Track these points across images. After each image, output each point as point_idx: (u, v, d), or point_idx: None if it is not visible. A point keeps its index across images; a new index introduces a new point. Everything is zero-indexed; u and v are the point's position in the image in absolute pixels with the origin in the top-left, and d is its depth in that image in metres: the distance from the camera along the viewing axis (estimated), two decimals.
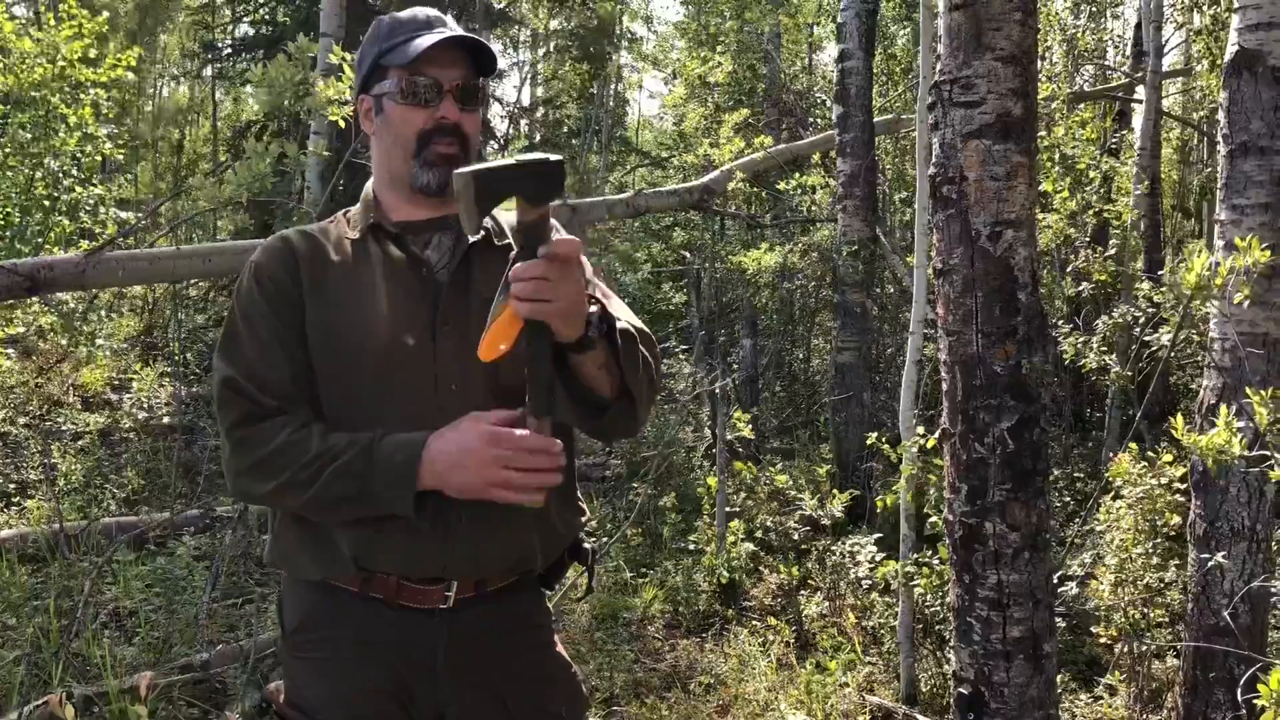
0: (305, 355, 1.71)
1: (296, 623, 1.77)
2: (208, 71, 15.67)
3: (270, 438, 1.66)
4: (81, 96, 7.42)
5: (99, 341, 8.65)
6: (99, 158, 8.09)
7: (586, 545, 1.88)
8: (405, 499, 1.60)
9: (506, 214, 1.87)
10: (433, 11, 1.79)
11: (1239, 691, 3.02)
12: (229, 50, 13.11)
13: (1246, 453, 2.45)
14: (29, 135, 7.35)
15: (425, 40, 1.70)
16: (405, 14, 1.79)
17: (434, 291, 1.73)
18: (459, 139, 1.72)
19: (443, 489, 1.60)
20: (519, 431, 1.56)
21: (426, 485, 1.60)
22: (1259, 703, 2.17)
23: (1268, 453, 2.52)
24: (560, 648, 1.88)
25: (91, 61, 7.36)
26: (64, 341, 8.38)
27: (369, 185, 1.84)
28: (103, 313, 9.90)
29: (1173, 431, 2.61)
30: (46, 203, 7.83)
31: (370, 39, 1.80)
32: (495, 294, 1.63)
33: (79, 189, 8.36)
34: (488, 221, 1.79)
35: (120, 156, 8.35)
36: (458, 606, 1.71)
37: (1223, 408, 2.52)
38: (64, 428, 7.68)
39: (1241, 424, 2.52)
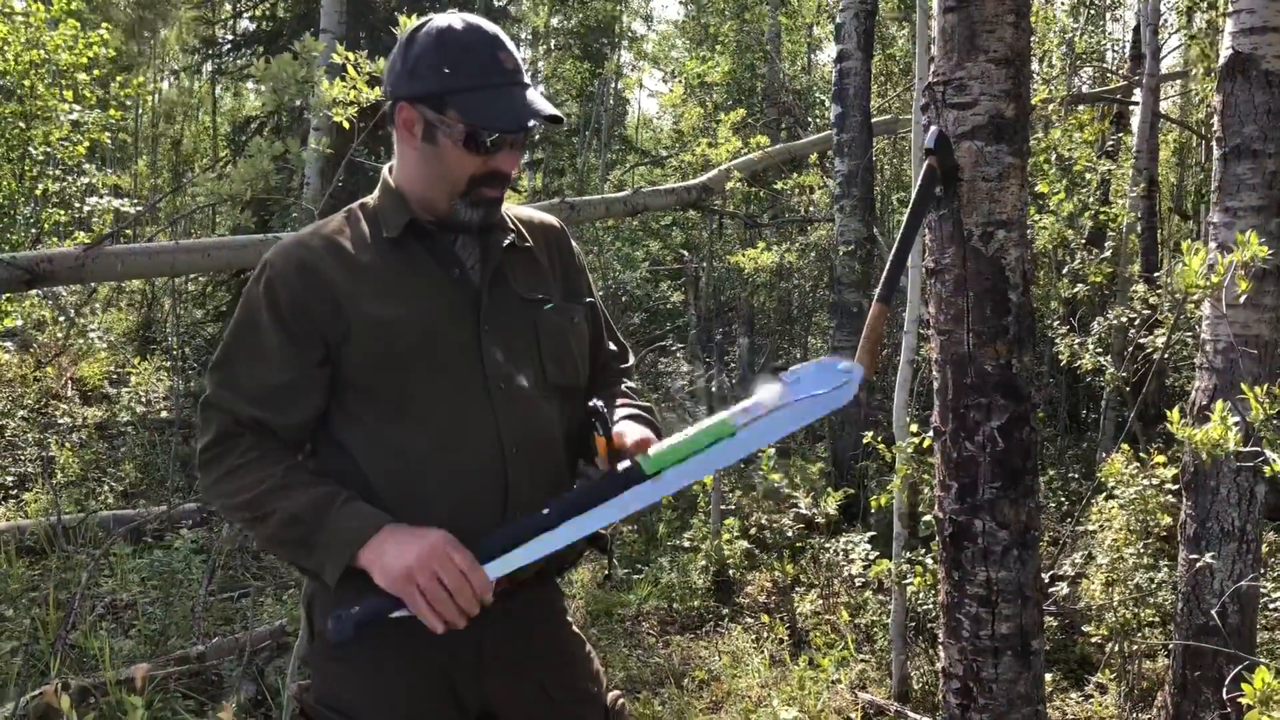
0: (317, 373, 1.69)
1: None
2: (208, 67, 15.65)
3: (235, 458, 1.67)
4: (63, 81, 7.46)
5: (91, 333, 8.66)
6: (86, 144, 8.09)
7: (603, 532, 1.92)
8: (337, 566, 1.60)
9: (522, 209, 1.92)
10: (500, 43, 1.69)
11: (1225, 690, 3.05)
12: (229, 46, 13.10)
13: (1240, 448, 2.47)
14: (21, 125, 7.38)
15: (502, 107, 1.64)
16: (472, 37, 1.67)
17: (472, 293, 1.73)
18: (504, 182, 1.72)
19: (370, 571, 1.59)
20: (465, 563, 1.58)
21: (360, 563, 1.59)
22: (1244, 701, 2.19)
23: (1260, 449, 2.55)
24: (575, 627, 1.92)
25: (70, 46, 7.40)
26: (60, 335, 8.40)
27: (391, 180, 1.77)
28: (98, 307, 9.91)
29: (1169, 427, 2.63)
30: (37, 193, 7.85)
31: (431, 54, 1.66)
32: (531, 296, 1.75)
33: (68, 179, 8.36)
34: (511, 223, 1.83)
35: (107, 141, 8.35)
36: (493, 601, 1.72)
37: (1218, 403, 2.54)
38: (61, 421, 7.70)
39: (1234, 420, 2.54)
